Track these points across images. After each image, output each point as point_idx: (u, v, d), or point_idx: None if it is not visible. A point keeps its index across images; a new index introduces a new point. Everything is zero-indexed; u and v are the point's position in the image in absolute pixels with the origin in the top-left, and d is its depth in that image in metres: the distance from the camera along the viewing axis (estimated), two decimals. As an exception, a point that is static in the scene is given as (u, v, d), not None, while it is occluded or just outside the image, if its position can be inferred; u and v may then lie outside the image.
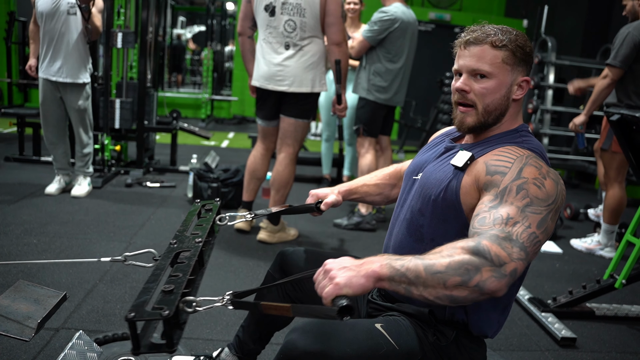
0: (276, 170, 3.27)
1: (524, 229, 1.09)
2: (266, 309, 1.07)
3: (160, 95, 6.53)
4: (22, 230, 3.11)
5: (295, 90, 3.10)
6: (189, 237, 1.28)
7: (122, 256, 1.34)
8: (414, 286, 1.03)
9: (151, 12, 4.94)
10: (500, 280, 1.03)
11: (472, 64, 1.28)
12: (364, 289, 1.03)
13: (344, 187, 1.66)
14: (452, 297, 1.03)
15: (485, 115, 1.29)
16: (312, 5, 2.98)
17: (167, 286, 1.00)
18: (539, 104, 5.54)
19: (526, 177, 1.16)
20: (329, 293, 1.02)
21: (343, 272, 1.03)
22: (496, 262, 1.03)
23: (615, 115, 2.42)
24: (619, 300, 2.85)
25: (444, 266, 1.03)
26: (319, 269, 1.09)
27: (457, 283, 1.02)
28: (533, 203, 1.13)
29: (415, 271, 1.03)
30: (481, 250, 1.04)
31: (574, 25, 7.20)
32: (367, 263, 1.05)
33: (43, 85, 3.77)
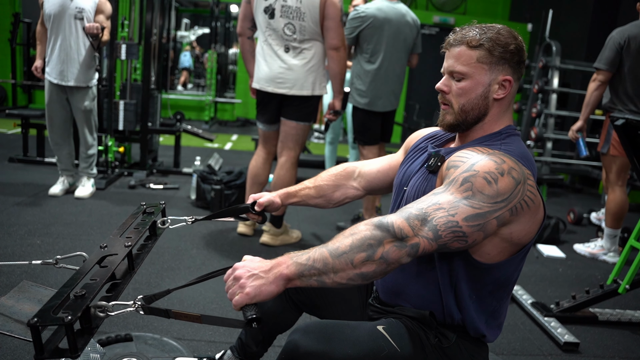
0: (277, 174, 3.26)
1: (446, 215, 1.09)
2: (176, 315, 1.08)
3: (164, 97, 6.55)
4: (25, 231, 3.12)
5: (296, 93, 3.10)
6: (120, 240, 1.27)
7: (53, 259, 1.32)
8: (325, 275, 1.06)
9: (155, 14, 4.95)
10: (401, 249, 1.05)
11: (450, 65, 1.28)
12: (273, 296, 1.06)
13: (283, 191, 1.63)
14: (362, 275, 1.06)
15: (462, 115, 1.28)
16: (311, 9, 2.96)
17: (80, 291, 1.00)
18: (542, 108, 5.54)
19: (477, 170, 1.13)
20: (238, 302, 1.05)
21: (252, 280, 1.06)
22: (398, 235, 1.06)
23: (620, 120, 2.41)
24: (623, 305, 2.84)
25: (347, 246, 1.05)
26: (228, 271, 1.11)
27: (363, 259, 1.04)
28: (474, 197, 1.11)
29: (322, 259, 1.06)
30: (384, 224, 1.07)
31: (578, 30, 7.20)
32: (275, 266, 1.08)
33: (49, 86, 3.79)
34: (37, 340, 0.91)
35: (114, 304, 1.05)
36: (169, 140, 6.43)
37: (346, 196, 1.64)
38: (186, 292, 2.53)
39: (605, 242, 3.62)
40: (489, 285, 1.25)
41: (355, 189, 1.64)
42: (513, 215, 1.14)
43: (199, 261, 2.96)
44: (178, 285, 1.22)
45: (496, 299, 1.28)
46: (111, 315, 1.04)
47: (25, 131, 4.97)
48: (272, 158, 3.39)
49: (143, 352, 1.83)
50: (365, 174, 1.62)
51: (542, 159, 5.45)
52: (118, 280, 1.17)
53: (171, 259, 2.94)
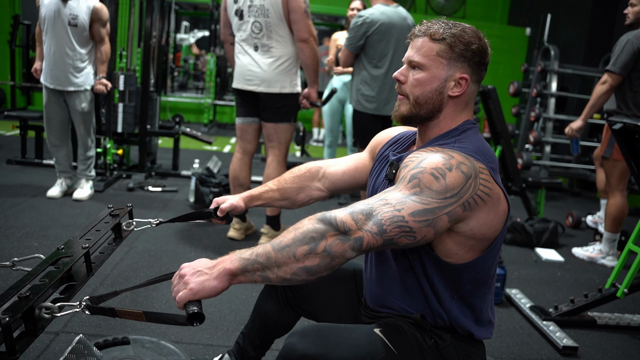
0: (265, 173, 3.32)
1: (391, 210, 1.08)
2: (120, 314, 1.07)
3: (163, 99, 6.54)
4: (23, 233, 3.11)
5: (264, 90, 3.13)
6: (79, 242, 1.26)
7: (9, 262, 1.30)
8: (269, 269, 1.06)
9: (155, 17, 4.95)
10: (344, 243, 1.05)
11: (410, 54, 1.27)
12: (217, 291, 1.06)
13: (246, 194, 1.63)
14: (306, 269, 1.05)
15: (416, 107, 1.27)
16: (274, 5, 3.00)
17: (25, 292, 0.99)
18: (541, 112, 5.54)
19: (424, 167, 1.13)
20: (182, 298, 1.05)
21: (196, 276, 1.06)
22: (341, 229, 1.06)
23: (618, 124, 2.42)
24: (621, 309, 2.84)
25: (290, 239, 1.06)
26: (175, 272, 1.11)
27: (305, 252, 1.04)
28: (422, 192, 1.10)
29: (265, 254, 1.06)
30: (327, 217, 1.07)
31: (576, 34, 7.21)
32: (220, 263, 1.08)
33: (46, 89, 3.78)
34: None
35: (59, 304, 1.03)
36: (167, 143, 6.43)
37: (310, 197, 1.64)
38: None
39: (604, 245, 3.62)
40: (468, 285, 1.24)
41: (319, 190, 1.63)
42: (467, 210, 1.13)
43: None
44: (127, 287, 1.22)
45: (478, 297, 1.27)
46: (57, 316, 1.02)
47: (23, 133, 4.97)
48: (250, 158, 3.38)
49: (140, 355, 1.82)
50: (330, 175, 1.61)
51: (541, 162, 5.45)
52: (74, 282, 1.16)
53: (169, 262, 2.94)
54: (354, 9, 4.12)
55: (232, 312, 2.39)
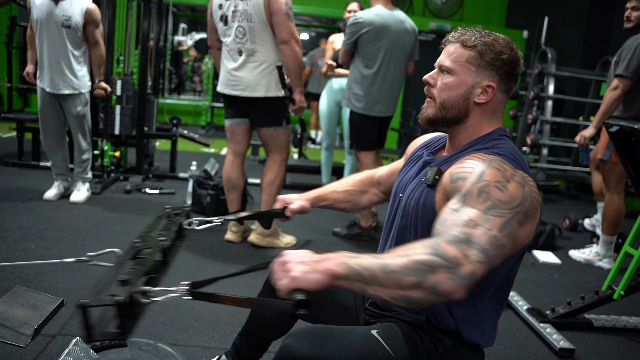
0: (262, 172, 3.34)
1: (485, 231, 1.07)
2: (223, 300, 1.07)
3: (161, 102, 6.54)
4: (20, 236, 3.11)
5: (249, 94, 3.13)
6: (153, 237, 1.28)
7: (86, 256, 1.35)
8: (369, 286, 1.03)
9: (152, 19, 4.96)
10: (455, 282, 1.01)
11: (441, 59, 1.31)
12: (319, 285, 1.02)
13: (312, 194, 1.65)
14: (408, 298, 1.02)
15: (442, 110, 1.29)
16: (256, 9, 3.00)
17: (123, 276, 1.00)
18: (538, 114, 5.56)
19: (488, 180, 1.14)
20: (285, 285, 1.02)
21: (300, 266, 1.03)
22: (452, 264, 1.02)
23: (615, 127, 2.42)
24: (618, 311, 2.84)
25: (399, 266, 1.02)
26: (276, 259, 1.09)
27: (412, 283, 1.01)
28: (495, 206, 1.11)
29: (370, 270, 1.02)
30: (438, 251, 1.03)
31: (574, 37, 7.24)
32: (325, 260, 1.05)
33: (42, 91, 3.77)
34: (85, 322, 0.91)
35: (158, 289, 1.04)
36: (165, 145, 6.43)
37: (371, 201, 1.69)
38: None
39: (601, 248, 3.62)
40: (491, 289, 1.25)
41: (377, 195, 1.69)
42: (526, 217, 1.15)
43: (194, 266, 2.95)
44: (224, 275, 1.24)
45: (497, 301, 1.29)
46: (155, 300, 1.03)
47: (20, 135, 4.96)
48: (241, 159, 3.39)
49: (137, 357, 1.82)
50: (382, 180, 1.67)
51: (538, 165, 5.46)
52: (153, 275, 1.16)
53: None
54: (351, 12, 4.13)
55: (229, 314, 2.39)
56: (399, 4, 8.94)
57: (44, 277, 2.56)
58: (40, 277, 2.57)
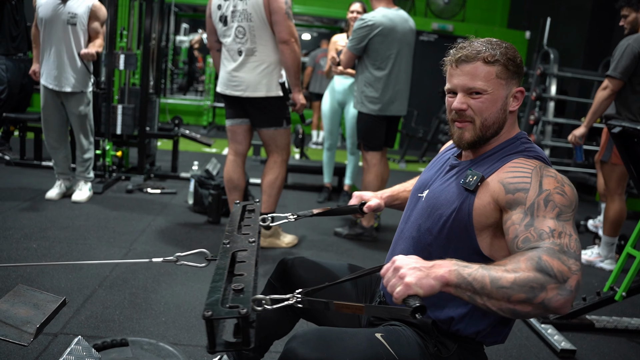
0: (263, 173, 3.35)
1: (569, 237, 1.12)
2: (338, 307, 1.08)
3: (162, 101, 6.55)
4: (22, 235, 3.11)
5: (250, 95, 3.13)
6: (241, 237, 1.28)
7: (174, 256, 1.37)
8: (479, 296, 1.05)
9: (154, 19, 4.96)
10: (566, 297, 1.04)
11: (466, 82, 1.28)
12: (433, 291, 1.04)
13: (386, 193, 1.67)
14: (515, 311, 1.05)
15: (483, 130, 1.30)
16: (256, 8, 3.00)
17: (237, 285, 1.00)
18: (540, 115, 5.55)
19: (548, 189, 1.18)
20: (401, 293, 1.03)
21: (413, 272, 1.04)
22: (560, 279, 1.04)
23: (617, 128, 2.42)
24: (619, 312, 2.84)
25: (509, 282, 1.03)
26: (386, 265, 1.10)
27: (521, 299, 1.03)
28: (563, 212, 1.16)
29: (481, 282, 1.04)
30: (544, 267, 1.05)
31: (576, 38, 7.23)
32: (436, 266, 1.06)
33: (44, 91, 3.78)
34: (211, 333, 0.91)
35: (271, 297, 1.06)
36: (166, 145, 6.43)
37: None
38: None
39: (602, 249, 3.62)
40: None
41: None
42: None
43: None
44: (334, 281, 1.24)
45: None
46: (268, 309, 1.04)
47: (22, 134, 4.97)
48: (242, 159, 3.39)
49: (139, 357, 1.82)
50: None
51: (540, 166, 5.45)
52: None
53: (168, 264, 2.93)
54: (354, 12, 4.13)
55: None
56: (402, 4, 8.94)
57: (46, 277, 2.57)
58: (42, 276, 2.57)
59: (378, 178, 3.63)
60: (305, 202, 4.61)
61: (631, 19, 3.32)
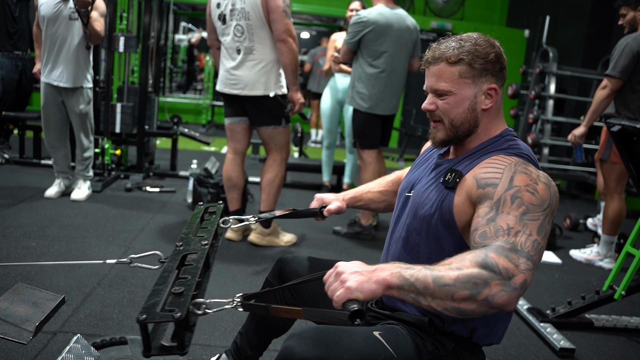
0: (262, 171, 3.36)
1: (527, 237, 1.09)
2: (277, 311, 1.08)
3: (161, 100, 6.54)
4: (21, 233, 3.11)
5: (248, 93, 3.13)
6: (195, 239, 1.28)
7: (127, 258, 1.35)
8: (422, 296, 1.04)
9: (153, 17, 4.95)
10: (510, 293, 1.03)
11: (432, 83, 1.29)
12: (374, 295, 1.04)
13: (349, 194, 1.66)
14: (460, 310, 1.04)
15: (452, 130, 1.29)
16: (254, 7, 3.00)
17: (177, 288, 1.00)
18: (539, 114, 5.55)
19: (518, 185, 1.16)
20: (341, 296, 1.03)
21: (355, 276, 1.04)
22: (504, 275, 1.03)
23: (616, 126, 2.42)
24: (618, 311, 2.84)
25: (452, 279, 1.03)
26: (329, 271, 1.10)
27: (465, 297, 1.02)
28: (529, 210, 1.13)
29: (424, 282, 1.04)
30: (489, 263, 1.04)
31: (575, 36, 7.23)
32: (379, 270, 1.06)
33: (44, 89, 3.78)
34: (145, 337, 0.91)
35: (211, 301, 1.05)
36: (165, 144, 6.43)
37: None
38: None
39: (602, 248, 3.62)
40: None
41: None
42: (553, 215, 1.18)
43: (194, 264, 2.95)
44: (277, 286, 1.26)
45: None
46: (209, 312, 1.04)
47: (21, 133, 4.96)
48: (241, 157, 3.39)
49: (138, 355, 1.82)
50: None
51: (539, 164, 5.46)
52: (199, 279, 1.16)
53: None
54: (353, 10, 4.13)
55: (230, 313, 2.39)
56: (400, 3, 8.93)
57: (45, 275, 2.57)
58: (42, 274, 2.57)
59: (375, 176, 3.62)
60: (304, 201, 4.61)
61: (630, 18, 3.32)
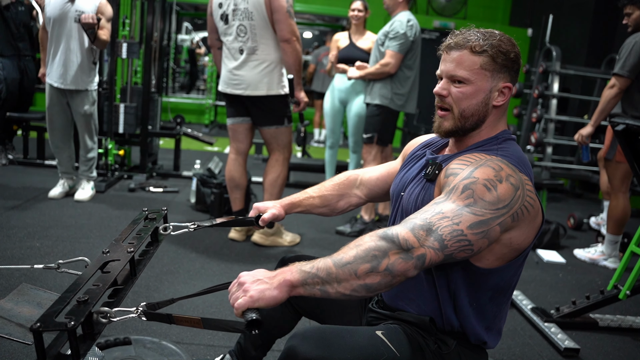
0: (264, 171, 3.36)
1: (450, 224, 1.08)
2: (178, 320, 1.08)
3: (164, 100, 6.55)
4: (25, 234, 3.12)
5: (251, 93, 3.14)
6: (123, 246, 1.26)
7: (55, 264, 1.32)
8: (328, 284, 1.05)
9: (156, 17, 4.96)
10: (407, 261, 1.04)
11: (450, 69, 1.27)
12: (276, 301, 1.05)
13: (286, 201, 1.62)
14: (367, 286, 1.05)
15: (461, 120, 1.27)
16: (257, 7, 3.00)
17: (83, 296, 1.00)
18: (543, 113, 5.54)
19: (476, 177, 1.14)
20: (241, 305, 1.05)
21: (256, 285, 1.06)
22: (403, 246, 1.05)
23: (621, 125, 2.41)
24: (623, 311, 2.83)
25: (352, 257, 1.05)
26: (233, 281, 1.11)
27: (367, 270, 1.04)
28: (476, 204, 1.11)
29: (325, 269, 1.05)
30: (389, 235, 1.06)
31: (578, 35, 7.21)
32: (279, 274, 1.07)
33: (49, 90, 3.79)
34: (39, 345, 0.90)
35: (116, 310, 1.05)
36: (169, 144, 6.43)
37: (350, 204, 1.65)
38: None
39: (606, 247, 3.61)
40: (489, 292, 1.25)
41: (358, 197, 1.64)
42: (515, 221, 1.14)
43: (198, 265, 2.95)
44: (182, 296, 1.23)
45: (496, 304, 1.28)
46: (113, 321, 1.04)
47: (25, 133, 4.97)
48: (244, 158, 3.40)
49: (142, 355, 1.82)
50: (366, 182, 1.63)
51: (542, 163, 5.44)
52: (120, 286, 1.17)
53: (170, 263, 2.94)
54: (355, 10, 4.12)
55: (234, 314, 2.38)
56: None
57: (50, 275, 2.57)
58: (46, 275, 2.57)
59: None
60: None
61: (635, 17, 3.30)
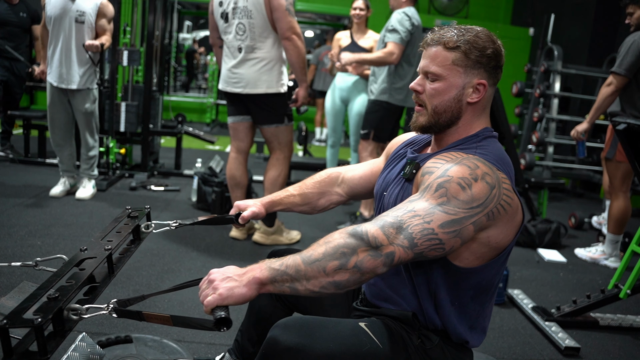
0: (265, 170, 3.37)
1: (421, 223, 1.08)
2: (148, 317, 1.09)
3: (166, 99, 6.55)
4: (26, 232, 3.12)
5: (250, 92, 3.14)
6: (101, 244, 1.26)
7: (33, 261, 1.32)
8: (297, 282, 1.05)
9: (157, 16, 4.96)
10: (376, 259, 1.04)
11: (425, 64, 1.27)
12: (245, 299, 1.06)
13: (267, 199, 1.62)
14: (335, 283, 1.05)
15: (434, 116, 1.26)
16: (257, 5, 3.01)
17: (53, 293, 1.00)
18: (544, 112, 5.53)
19: (451, 176, 1.13)
20: (210, 302, 1.05)
21: (225, 282, 1.06)
22: (372, 244, 1.05)
23: (622, 125, 2.41)
24: (624, 310, 2.83)
25: (320, 254, 1.05)
26: (204, 278, 1.11)
27: (336, 267, 1.04)
28: (449, 203, 1.10)
29: (294, 266, 1.05)
30: (358, 232, 1.06)
31: (580, 34, 7.20)
32: (249, 271, 1.08)
33: (50, 88, 3.79)
34: (6, 342, 0.90)
35: (87, 307, 1.05)
36: (170, 142, 6.43)
37: (330, 202, 1.65)
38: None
39: (607, 247, 3.61)
40: (470, 291, 1.24)
41: (339, 195, 1.64)
42: (490, 220, 1.14)
43: (199, 263, 2.95)
44: (153, 292, 1.23)
45: (479, 303, 1.27)
46: (84, 318, 1.04)
47: (26, 132, 4.98)
48: (245, 156, 3.40)
49: (143, 353, 1.82)
50: (348, 180, 1.62)
51: (544, 163, 5.44)
52: (96, 284, 1.17)
53: (172, 261, 2.94)
54: (357, 9, 4.12)
55: (235, 310, 2.38)
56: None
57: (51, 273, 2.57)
58: (48, 273, 2.56)
59: None
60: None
61: (637, 16, 3.30)
